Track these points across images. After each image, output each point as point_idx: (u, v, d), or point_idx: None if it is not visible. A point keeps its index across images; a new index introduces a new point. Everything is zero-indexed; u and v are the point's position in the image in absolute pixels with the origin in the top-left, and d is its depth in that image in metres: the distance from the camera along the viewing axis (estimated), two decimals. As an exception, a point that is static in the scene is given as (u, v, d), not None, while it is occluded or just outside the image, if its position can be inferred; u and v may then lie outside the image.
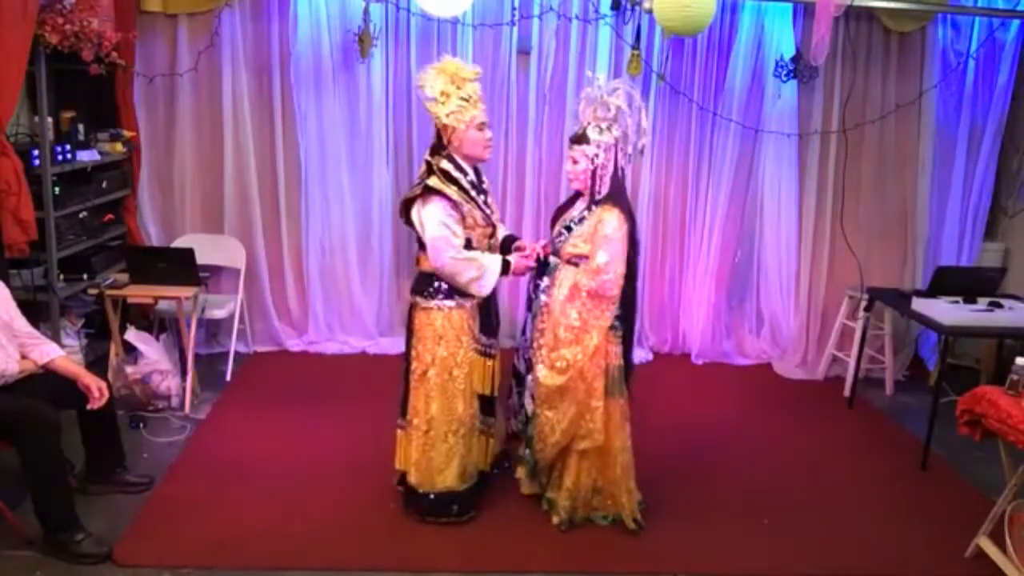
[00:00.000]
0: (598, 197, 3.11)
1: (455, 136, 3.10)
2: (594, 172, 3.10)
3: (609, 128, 3.10)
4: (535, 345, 3.20)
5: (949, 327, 3.98)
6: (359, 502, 3.38)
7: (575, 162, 3.14)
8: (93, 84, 4.30)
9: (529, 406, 3.25)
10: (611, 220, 3.05)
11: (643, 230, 5.13)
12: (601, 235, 3.04)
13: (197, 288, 4.25)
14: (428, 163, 3.13)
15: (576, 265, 3.12)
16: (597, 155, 3.10)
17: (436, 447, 3.19)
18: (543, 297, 3.20)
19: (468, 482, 3.28)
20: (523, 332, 3.37)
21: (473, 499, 3.31)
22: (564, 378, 3.08)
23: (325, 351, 5.17)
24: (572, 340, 3.07)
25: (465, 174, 3.14)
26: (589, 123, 3.13)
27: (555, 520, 3.27)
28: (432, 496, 3.23)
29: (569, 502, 3.26)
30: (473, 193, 3.12)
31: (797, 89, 5.03)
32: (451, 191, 3.04)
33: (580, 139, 3.12)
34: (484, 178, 3.28)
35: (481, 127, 3.11)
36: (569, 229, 3.16)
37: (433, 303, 3.14)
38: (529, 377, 3.25)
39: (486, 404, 3.31)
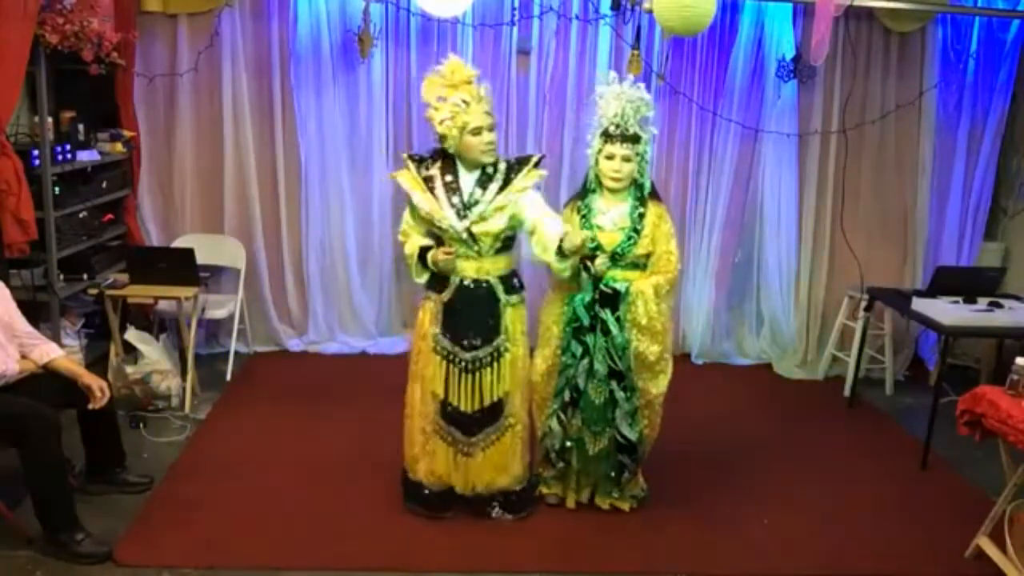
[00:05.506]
0: (647, 193, 3.20)
1: (451, 142, 3.05)
2: (642, 169, 3.17)
3: (649, 124, 3.18)
4: (637, 365, 3.15)
5: (949, 327, 3.97)
6: (359, 502, 3.38)
7: (628, 160, 3.12)
8: (93, 84, 4.30)
9: (632, 434, 3.22)
10: (666, 214, 3.20)
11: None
12: (666, 230, 3.16)
13: (197, 288, 4.25)
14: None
15: (641, 267, 3.16)
16: (646, 151, 3.17)
17: (405, 424, 3.30)
18: (616, 319, 3.11)
19: (422, 477, 3.24)
20: (581, 356, 3.15)
21: (429, 503, 3.25)
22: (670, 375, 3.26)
23: (325, 351, 5.16)
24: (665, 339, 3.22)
25: (450, 174, 3.07)
26: (628, 121, 3.09)
27: (630, 506, 3.40)
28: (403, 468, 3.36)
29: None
30: (440, 192, 3.05)
31: (797, 89, 5.03)
32: (404, 181, 3.12)
33: (632, 138, 3.11)
34: (492, 187, 3.04)
35: (477, 132, 3.00)
36: (638, 232, 3.13)
37: (423, 291, 3.28)
38: (620, 410, 3.20)
39: (450, 412, 3.15)
